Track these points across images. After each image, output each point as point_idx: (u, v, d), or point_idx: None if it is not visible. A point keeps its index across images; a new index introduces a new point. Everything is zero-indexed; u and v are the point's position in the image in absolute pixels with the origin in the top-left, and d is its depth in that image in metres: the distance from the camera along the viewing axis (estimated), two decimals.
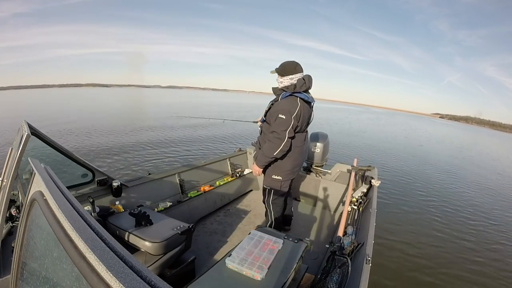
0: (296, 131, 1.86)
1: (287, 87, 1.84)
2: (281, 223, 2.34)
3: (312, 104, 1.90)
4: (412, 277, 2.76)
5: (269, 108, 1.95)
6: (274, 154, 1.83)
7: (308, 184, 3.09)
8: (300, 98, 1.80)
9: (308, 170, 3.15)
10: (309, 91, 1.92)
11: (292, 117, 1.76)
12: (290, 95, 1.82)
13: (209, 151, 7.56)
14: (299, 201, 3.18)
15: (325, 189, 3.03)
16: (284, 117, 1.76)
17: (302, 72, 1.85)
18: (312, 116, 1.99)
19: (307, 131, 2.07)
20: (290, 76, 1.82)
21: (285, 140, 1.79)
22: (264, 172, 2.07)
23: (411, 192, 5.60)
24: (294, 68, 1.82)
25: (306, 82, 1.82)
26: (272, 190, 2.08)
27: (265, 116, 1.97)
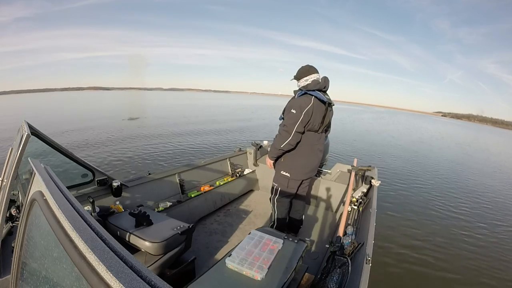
0: (308, 128, 1.89)
1: (304, 87, 1.93)
2: (287, 227, 2.33)
3: (327, 103, 1.89)
4: (412, 277, 2.76)
5: None
6: (281, 146, 1.90)
7: (308, 184, 3.09)
8: (314, 96, 1.85)
9: None
10: (327, 93, 1.97)
11: (303, 112, 1.81)
12: (305, 93, 1.90)
13: (213, 150, 7.56)
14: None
15: (325, 189, 3.03)
16: (294, 111, 1.84)
17: (317, 73, 1.94)
18: (329, 118, 1.98)
19: (324, 134, 2.04)
20: (305, 78, 1.94)
21: (293, 134, 1.85)
22: (275, 168, 2.12)
23: (411, 192, 5.59)
24: (307, 70, 1.94)
25: (321, 82, 1.89)
26: (279, 189, 2.10)
27: (282, 113, 2.03)
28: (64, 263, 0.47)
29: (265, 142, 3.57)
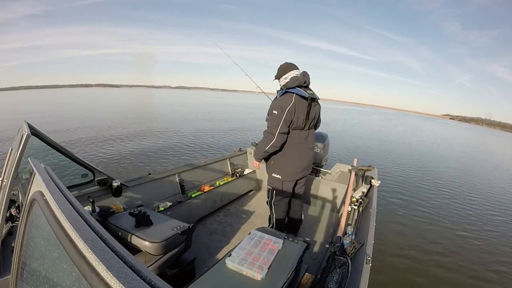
0: (293, 127, 1.86)
1: (283, 85, 1.92)
2: (287, 227, 2.30)
3: (309, 99, 1.83)
4: (411, 278, 2.76)
5: None
6: (266, 148, 1.88)
7: (308, 184, 3.09)
8: (296, 94, 1.82)
9: None
10: (310, 87, 1.93)
11: (285, 112, 1.78)
12: (285, 92, 1.87)
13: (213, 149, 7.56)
14: None
15: (325, 189, 3.02)
16: (276, 112, 1.81)
17: (296, 70, 1.90)
18: (315, 114, 1.94)
19: (312, 131, 2.01)
20: (284, 76, 1.91)
21: (276, 135, 1.82)
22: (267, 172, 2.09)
23: (412, 192, 5.58)
24: (285, 68, 1.91)
25: (300, 78, 1.85)
26: (274, 191, 2.07)
27: (268, 114, 1.99)
28: (64, 263, 0.47)
29: None
